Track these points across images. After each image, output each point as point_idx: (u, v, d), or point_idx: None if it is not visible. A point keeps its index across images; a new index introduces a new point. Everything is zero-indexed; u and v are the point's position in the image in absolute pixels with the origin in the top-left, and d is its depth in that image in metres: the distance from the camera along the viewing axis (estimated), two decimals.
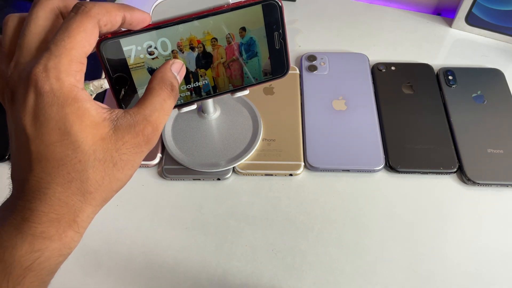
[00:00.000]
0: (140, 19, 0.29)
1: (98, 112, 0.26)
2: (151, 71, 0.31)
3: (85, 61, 0.27)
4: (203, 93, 0.28)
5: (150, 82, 0.29)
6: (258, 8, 0.26)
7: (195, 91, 0.28)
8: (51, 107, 0.25)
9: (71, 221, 0.26)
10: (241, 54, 0.27)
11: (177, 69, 0.30)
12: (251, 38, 0.26)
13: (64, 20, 0.26)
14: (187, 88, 0.28)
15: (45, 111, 0.25)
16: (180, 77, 0.31)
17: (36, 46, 0.27)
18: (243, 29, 0.26)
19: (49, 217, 0.25)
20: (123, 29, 0.33)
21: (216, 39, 0.26)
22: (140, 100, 0.28)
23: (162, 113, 0.28)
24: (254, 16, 0.26)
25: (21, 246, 0.25)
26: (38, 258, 0.25)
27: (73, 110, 0.25)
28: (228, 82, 0.28)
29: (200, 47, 0.27)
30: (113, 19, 0.28)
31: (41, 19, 0.27)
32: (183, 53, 0.28)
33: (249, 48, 0.26)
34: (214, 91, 0.29)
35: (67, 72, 0.25)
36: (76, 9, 0.26)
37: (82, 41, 0.26)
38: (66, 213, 0.26)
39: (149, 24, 0.33)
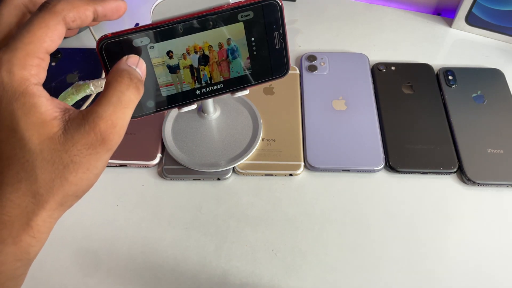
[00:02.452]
0: (114, 9, 0.28)
1: (48, 109, 0.25)
2: (169, 67, 0.36)
3: (45, 57, 0.26)
4: (203, 82, 0.37)
5: (106, 78, 0.28)
6: (240, 25, 0.35)
7: (197, 80, 0.37)
8: (1, 102, 0.24)
9: (24, 225, 0.25)
10: (227, 56, 0.36)
11: (133, 63, 0.29)
12: (235, 45, 0.36)
13: (29, 18, 0.26)
14: (192, 77, 0.37)
15: None
16: (141, 71, 0.29)
17: None
18: (229, 39, 0.35)
19: (1, 219, 0.24)
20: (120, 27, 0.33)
21: (212, 46, 0.36)
22: (97, 98, 0.27)
23: (119, 107, 0.26)
24: (237, 30, 0.35)
25: None
26: None
27: (20, 105, 0.24)
28: (219, 75, 0.37)
29: (201, 51, 0.36)
30: (82, 14, 0.27)
31: (5, 16, 0.27)
32: (190, 55, 0.36)
33: (233, 52, 0.36)
34: (210, 81, 0.37)
35: (20, 66, 0.24)
36: (41, 6, 0.26)
37: (42, 36, 0.25)
38: (19, 215, 0.24)
39: (149, 24, 0.33)
